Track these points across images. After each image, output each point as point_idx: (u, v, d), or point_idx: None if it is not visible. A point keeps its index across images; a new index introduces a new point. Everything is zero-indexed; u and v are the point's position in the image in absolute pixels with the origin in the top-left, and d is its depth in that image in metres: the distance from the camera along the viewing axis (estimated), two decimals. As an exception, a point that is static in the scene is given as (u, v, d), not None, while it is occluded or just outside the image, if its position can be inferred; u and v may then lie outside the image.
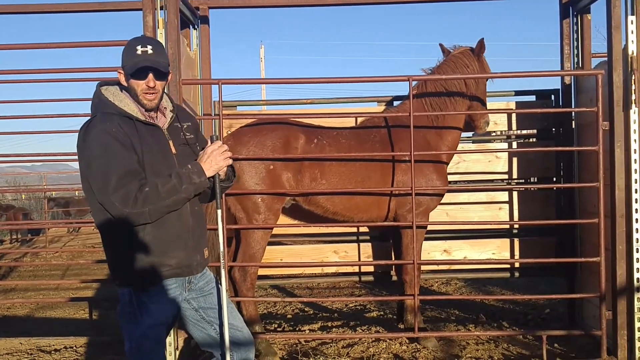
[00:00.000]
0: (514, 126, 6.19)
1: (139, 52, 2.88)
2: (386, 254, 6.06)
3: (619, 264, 4.80)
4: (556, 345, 5.28)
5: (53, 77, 5.73)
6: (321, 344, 5.51)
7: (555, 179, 6.14)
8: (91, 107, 2.99)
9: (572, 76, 5.76)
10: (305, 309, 7.18)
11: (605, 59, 5.02)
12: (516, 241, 6.08)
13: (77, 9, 5.80)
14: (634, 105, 4.70)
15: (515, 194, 6.12)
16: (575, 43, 5.76)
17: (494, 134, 7.37)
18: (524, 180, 6.73)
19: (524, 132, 7.81)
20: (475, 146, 6.49)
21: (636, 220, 4.72)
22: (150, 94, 2.92)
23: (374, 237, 6.27)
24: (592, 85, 5.06)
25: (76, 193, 21.88)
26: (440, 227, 6.15)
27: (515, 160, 6.08)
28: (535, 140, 6.89)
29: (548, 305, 6.68)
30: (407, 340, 5.47)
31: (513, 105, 6.10)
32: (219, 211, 3.20)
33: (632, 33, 4.69)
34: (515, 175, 6.16)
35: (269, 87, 33.40)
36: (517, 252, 6.05)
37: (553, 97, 6.03)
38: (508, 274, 6.18)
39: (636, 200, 4.71)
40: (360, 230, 6.27)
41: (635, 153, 4.71)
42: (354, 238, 6.25)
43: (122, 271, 2.94)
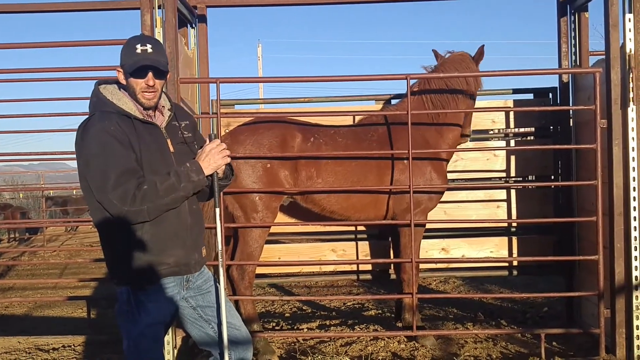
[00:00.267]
0: (512, 124, 6.19)
1: (139, 51, 2.87)
2: (384, 253, 6.06)
3: (617, 262, 4.80)
4: (554, 343, 5.29)
5: (51, 76, 5.73)
6: (319, 343, 5.51)
7: (553, 177, 6.13)
8: (89, 106, 2.99)
9: (570, 74, 5.76)
10: (304, 308, 7.18)
11: (603, 57, 5.02)
12: (514, 239, 6.07)
13: (76, 8, 5.80)
14: (631, 103, 4.70)
15: (513, 192, 6.11)
16: (573, 41, 5.75)
17: (492, 132, 7.37)
18: (522, 179, 6.74)
19: (522, 130, 7.83)
20: (473, 144, 6.48)
21: (634, 218, 4.72)
22: (150, 92, 2.92)
23: (372, 236, 6.26)
24: (590, 83, 5.07)
25: (74, 192, 21.86)
26: (439, 226, 6.14)
27: (513, 158, 6.07)
28: (533, 138, 6.90)
29: (546, 304, 6.67)
30: (406, 339, 5.47)
31: (511, 104, 6.10)
32: (217, 209, 3.19)
33: (630, 31, 4.68)
34: (513, 174, 6.17)
35: (267, 86, 33.44)
36: (516, 250, 6.05)
37: (551, 95, 6.02)
38: (506, 272, 6.17)
39: (634, 198, 4.71)
40: (359, 228, 6.26)
41: (633, 151, 4.71)
42: (352, 236, 6.24)
43: (121, 269, 2.94)
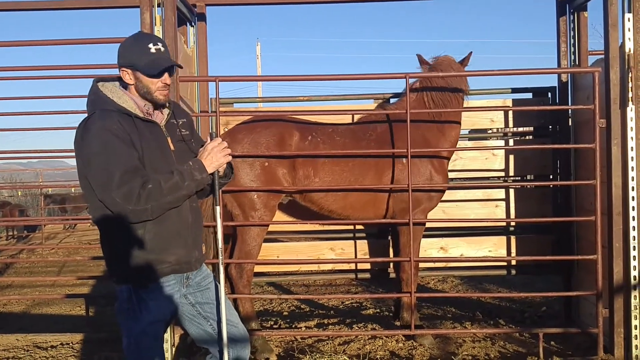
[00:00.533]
0: (511, 124, 6.18)
1: (153, 51, 2.90)
2: (383, 251, 6.05)
3: (616, 262, 4.80)
4: (553, 343, 5.29)
5: (49, 74, 5.71)
6: (317, 341, 5.51)
7: (552, 177, 6.13)
8: (88, 104, 2.97)
9: (569, 74, 5.76)
10: (302, 306, 7.18)
11: (602, 56, 5.02)
12: (513, 239, 6.07)
13: (75, 6, 5.78)
14: (630, 102, 4.70)
15: (512, 191, 6.11)
16: (572, 41, 5.75)
17: (491, 132, 7.36)
18: (520, 178, 6.73)
19: (521, 130, 7.82)
20: (472, 143, 6.48)
21: (633, 217, 4.72)
22: (166, 90, 2.99)
23: (371, 235, 6.25)
24: (589, 82, 5.06)
25: (72, 190, 21.87)
26: (437, 225, 6.14)
27: (512, 157, 6.07)
28: (532, 137, 6.89)
29: (545, 303, 6.68)
30: (404, 338, 5.48)
31: (510, 103, 6.11)
32: (218, 208, 3.20)
33: (629, 31, 4.68)
34: (512, 173, 6.16)
35: (266, 84, 33.48)
36: (514, 250, 6.05)
37: (550, 95, 6.02)
38: (505, 272, 6.17)
39: (633, 197, 4.72)
40: (357, 227, 6.26)
41: (632, 150, 4.71)
42: (351, 235, 6.24)
43: (122, 268, 2.93)
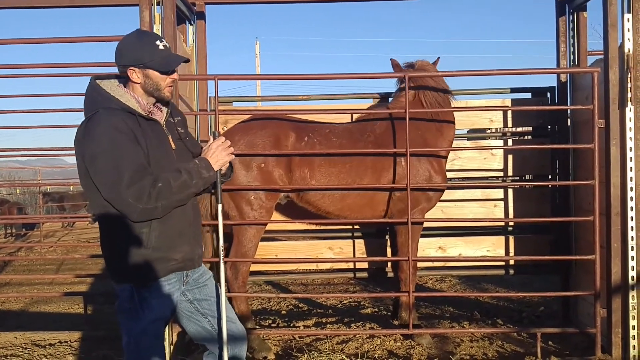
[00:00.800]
0: (510, 123, 6.18)
1: (162, 48, 2.93)
2: (381, 251, 6.05)
3: (614, 262, 4.80)
4: (550, 343, 5.29)
5: (47, 72, 5.70)
6: (315, 340, 5.52)
7: (550, 177, 6.13)
8: (88, 102, 2.93)
9: (568, 74, 5.76)
10: (300, 305, 7.18)
11: (601, 56, 5.02)
12: (511, 238, 6.07)
13: (75, 4, 5.77)
14: (629, 103, 4.70)
15: (510, 191, 6.11)
16: (571, 41, 5.75)
17: (490, 131, 7.36)
18: (519, 178, 6.73)
19: (520, 130, 7.82)
20: (470, 143, 6.48)
21: (631, 218, 4.72)
22: (172, 86, 3.04)
23: (369, 234, 6.25)
24: (588, 83, 5.06)
25: (71, 188, 21.85)
26: (435, 224, 6.14)
27: (510, 157, 6.07)
28: (530, 137, 6.89)
29: (542, 303, 6.68)
30: (402, 337, 5.48)
31: (509, 103, 6.11)
32: (220, 206, 3.26)
33: (628, 31, 4.68)
34: (510, 173, 6.16)
35: (264, 83, 33.53)
36: (512, 250, 6.05)
37: (549, 95, 6.02)
38: (503, 272, 6.18)
39: (631, 198, 4.72)
40: (355, 227, 6.25)
41: (630, 151, 4.71)
42: (349, 234, 6.23)
43: (124, 267, 2.91)
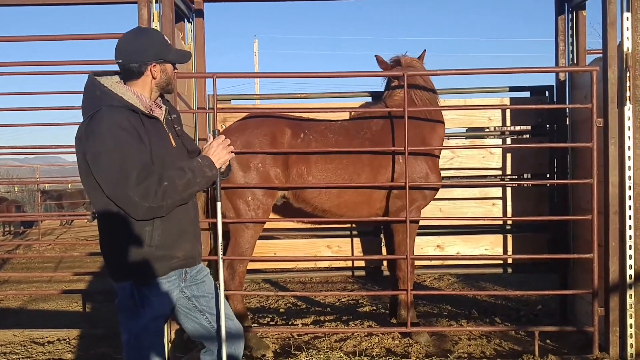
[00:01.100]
0: (508, 122, 6.18)
1: (170, 42, 3.05)
2: (379, 249, 6.06)
3: (612, 261, 4.81)
4: (548, 341, 5.29)
5: (47, 70, 5.69)
6: (314, 338, 5.52)
7: (549, 176, 6.14)
8: (88, 99, 2.90)
9: (567, 72, 5.76)
10: (298, 303, 7.18)
11: (600, 55, 5.01)
12: (509, 237, 6.08)
13: (74, 2, 5.76)
14: (628, 102, 4.70)
15: (508, 190, 6.11)
16: (570, 39, 5.75)
17: (488, 130, 7.37)
18: (517, 177, 6.73)
19: (518, 129, 7.83)
20: (469, 142, 6.48)
21: (629, 217, 4.72)
22: None
23: (367, 232, 6.25)
24: (587, 81, 5.06)
25: (69, 186, 21.85)
26: (434, 223, 6.14)
27: (509, 156, 6.07)
28: (529, 136, 6.90)
29: (540, 302, 6.69)
30: (400, 335, 5.48)
31: (507, 101, 6.10)
32: (219, 204, 3.27)
33: (627, 30, 4.68)
34: (509, 172, 6.16)
35: (263, 81, 33.56)
36: (510, 248, 6.05)
37: (547, 94, 6.03)
38: (501, 270, 6.19)
39: (629, 197, 4.72)
40: (354, 225, 6.26)
41: (629, 150, 4.71)
42: (347, 233, 6.24)
43: (126, 265, 2.89)
